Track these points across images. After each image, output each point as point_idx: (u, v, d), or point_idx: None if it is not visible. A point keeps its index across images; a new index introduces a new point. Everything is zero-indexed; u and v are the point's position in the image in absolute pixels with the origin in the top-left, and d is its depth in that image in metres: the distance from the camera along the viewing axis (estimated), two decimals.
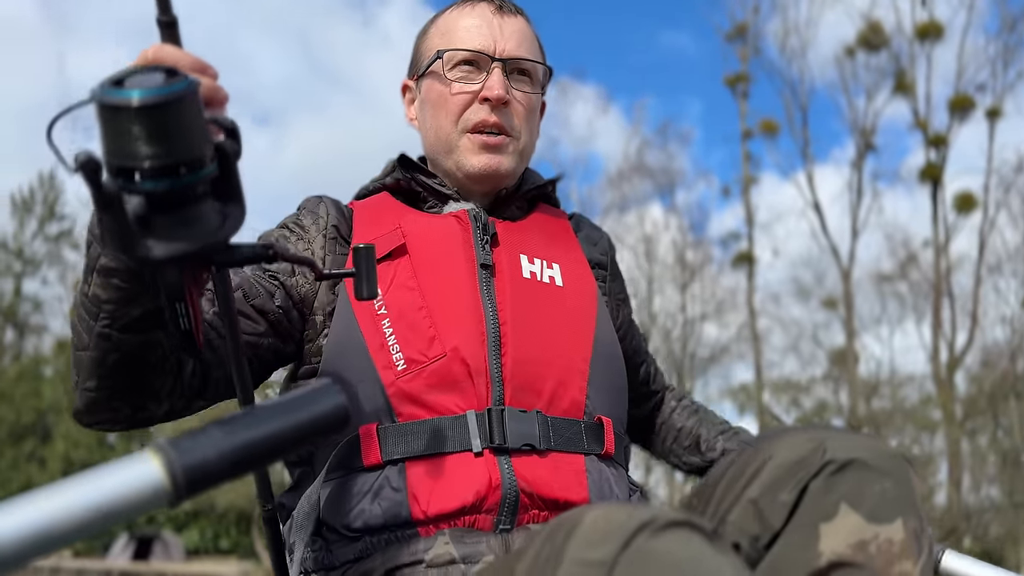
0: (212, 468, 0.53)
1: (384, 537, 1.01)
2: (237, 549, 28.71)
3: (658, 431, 1.39)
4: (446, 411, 1.04)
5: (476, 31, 1.18)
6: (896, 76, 20.17)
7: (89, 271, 0.87)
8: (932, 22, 20.00)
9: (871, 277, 20.59)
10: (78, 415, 0.98)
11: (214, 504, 26.21)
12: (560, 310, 1.15)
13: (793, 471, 0.81)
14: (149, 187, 0.64)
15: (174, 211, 0.67)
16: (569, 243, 1.26)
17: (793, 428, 0.86)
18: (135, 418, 0.99)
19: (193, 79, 0.65)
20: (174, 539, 24.05)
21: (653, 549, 0.61)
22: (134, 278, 0.85)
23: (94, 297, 0.87)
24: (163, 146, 0.63)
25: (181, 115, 0.64)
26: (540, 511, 1.02)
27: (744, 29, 21.53)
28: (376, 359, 1.06)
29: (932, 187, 19.73)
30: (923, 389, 19.33)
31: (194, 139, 0.65)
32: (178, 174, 0.64)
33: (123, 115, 0.62)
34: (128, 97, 0.61)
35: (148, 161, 0.63)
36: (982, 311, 18.91)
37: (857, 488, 0.78)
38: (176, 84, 0.63)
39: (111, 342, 0.89)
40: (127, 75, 0.64)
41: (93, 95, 0.63)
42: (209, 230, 0.68)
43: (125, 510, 0.50)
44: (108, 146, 0.63)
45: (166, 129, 0.63)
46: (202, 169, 0.66)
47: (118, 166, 0.63)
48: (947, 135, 19.74)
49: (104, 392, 0.94)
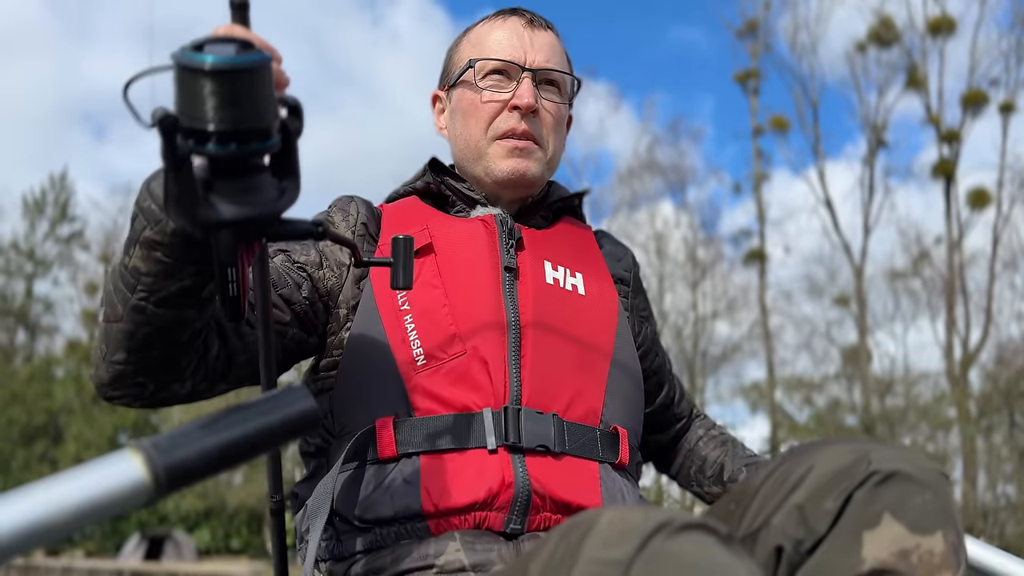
0: (191, 466, 0.56)
1: (394, 529, 1.02)
2: (248, 549, 28.77)
3: (683, 458, 1.38)
4: (463, 407, 1.05)
5: (507, 42, 1.21)
6: (908, 71, 20.05)
7: (132, 243, 0.89)
8: (944, 17, 19.86)
9: (884, 274, 20.47)
10: (102, 387, 0.99)
11: (225, 504, 26.28)
12: (581, 318, 1.16)
13: (837, 480, 0.82)
14: (218, 150, 0.67)
15: (236, 178, 0.70)
16: (593, 255, 1.28)
17: (835, 440, 0.88)
18: (158, 396, 1.00)
19: (267, 54, 0.68)
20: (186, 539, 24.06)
21: (669, 550, 0.62)
22: (177, 252, 0.87)
23: (134, 269, 0.89)
24: (234, 112, 0.66)
25: (253, 84, 0.67)
26: (552, 513, 1.03)
27: (755, 25, 21.46)
28: (396, 353, 1.07)
29: (945, 183, 19.60)
30: (937, 387, 19.20)
31: (263, 110, 0.68)
32: (246, 141, 0.68)
33: (199, 77, 0.65)
34: (203, 61, 0.65)
35: (219, 125, 0.66)
36: (996, 308, 18.78)
37: (900, 499, 0.79)
38: (252, 55, 0.67)
39: (145, 315, 0.91)
40: (206, 42, 0.68)
41: (173, 57, 0.66)
42: (267, 200, 0.71)
43: (108, 507, 0.52)
44: (183, 107, 0.66)
45: (238, 96, 0.66)
46: (267, 140, 0.70)
47: (190, 127, 0.66)
48: (960, 130, 19.61)
49: (131, 366, 0.95)
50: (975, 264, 19.32)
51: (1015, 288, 18.90)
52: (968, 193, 19.49)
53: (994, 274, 18.89)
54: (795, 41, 21.14)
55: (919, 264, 19.95)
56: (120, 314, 0.92)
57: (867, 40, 20.39)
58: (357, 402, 1.09)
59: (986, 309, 18.74)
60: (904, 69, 20.15)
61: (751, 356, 21.30)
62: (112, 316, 0.93)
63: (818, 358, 20.96)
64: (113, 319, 0.93)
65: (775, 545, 0.83)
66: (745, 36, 21.65)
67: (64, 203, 29.04)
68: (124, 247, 0.91)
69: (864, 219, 20.15)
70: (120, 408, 6.14)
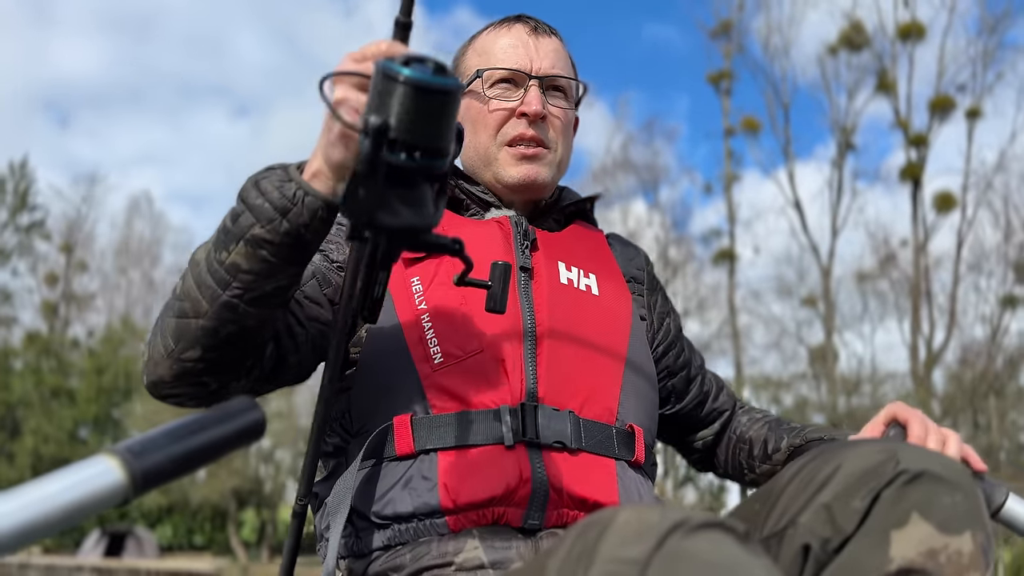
0: (163, 469, 0.62)
1: (413, 526, 1.02)
2: (212, 545, 28.41)
3: (732, 449, 1.37)
4: (480, 405, 1.05)
5: (513, 51, 1.22)
6: (878, 75, 20.32)
7: (234, 239, 0.90)
8: (914, 23, 20.16)
9: (852, 275, 20.74)
10: (160, 384, 0.99)
11: (188, 499, 25.91)
12: (595, 317, 1.17)
13: (865, 479, 0.82)
14: (417, 164, 0.72)
15: (411, 189, 0.74)
16: (605, 257, 1.29)
17: (863, 439, 0.89)
18: (216, 395, 1.01)
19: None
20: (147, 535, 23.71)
21: (686, 549, 0.62)
22: (284, 253, 0.90)
23: (231, 266, 0.91)
24: (437, 129, 0.72)
25: (455, 107, 0.73)
26: (569, 509, 1.03)
27: (728, 26, 21.60)
28: (414, 352, 1.08)
29: (912, 186, 19.89)
30: (903, 386, 19.49)
31: (452, 131, 0.74)
32: (435, 157, 0.73)
33: (422, 95, 0.71)
34: (438, 83, 0.71)
35: (425, 140, 0.72)
36: (961, 309, 19.12)
37: (928, 499, 0.79)
38: (457, 80, 0.73)
39: (235, 313, 0.93)
40: (409, 59, 0.73)
41: (387, 70, 0.71)
42: (429, 212, 0.76)
43: (90, 507, 0.58)
44: (394, 118, 0.71)
45: (445, 115, 0.72)
46: (446, 158, 0.75)
47: (399, 139, 0.71)
48: (927, 135, 19.91)
49: (203, 364, 0.96)
50: (942, 266, 19.66)
51: (979, 290, 19.27)
52: (934, 197, 19.82)
53: (958, 276, 19.23)
54: (768, 43, 21.33)
55: (886, 266, 20.25)
56: (205, 310, 0.93)
57: (838, 44, 20.63)
58: (375, 400, 1.09)
59: (950, 311, 19.07)
60: (874, 73, 20.43)
61: (720, 355, 21.46)
62: (192, 312, 0.93)
63: (787, 357, 21.19)
64: (193, 315, 0.93)
65: (802, 544, 0.83)
66: (719, 37, 21.79)
67: (24, 192, 28.38)
68: (219, 242, 0.92)
69: (832, 221, 20.40)
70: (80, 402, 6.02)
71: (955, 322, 19.04)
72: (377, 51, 0.82)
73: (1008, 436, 17.96)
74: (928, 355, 18.94)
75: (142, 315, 29.59)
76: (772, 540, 0.87)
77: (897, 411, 1.10)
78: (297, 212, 0.89)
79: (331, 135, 0.86)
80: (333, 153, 0.87)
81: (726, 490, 21.60)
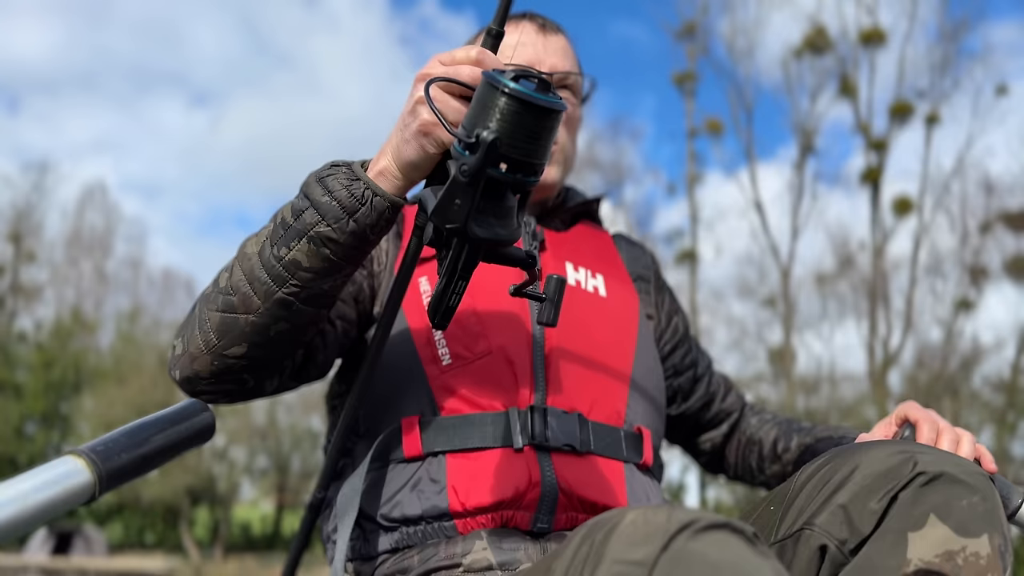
0: (125, 469, 0.65)
1: (421, 528, 1.01)
2: (163, 544, 27.85)
3: (742, 451, 1.37)
4: (489, 407, 1.04)
5: (522, 48, 1.21)
6: (840, 80, 20.58)
7: (296, 236, 0.89)
8: (875, 28, 20.45)
9: (812, 277, 20.99)
10: (196, 380, 0.97)
11: (139, 497, 25.35)
12: (603, 319, 1.17)
13: (883, 481, 0.81)
14: (520, 179, 0.74)
15: (501, 202, 0.76)
16: (612, 258, 1.29)
17: (879, 442, 0.87)
18: (252, 392, 1.01)
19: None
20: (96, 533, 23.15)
21: (693, 550, 0.62)
22: (346, 252, 0.90)
23: (291, 263, 0.90)
24: (541, 147, 0.74)
25: (558, 126, 0.75)
26: (578, 513, 1.03)
27: (693, 28, 21.68)
28: (422, 353, 1.07)
29: (872, 190, 20.20)
30: (861, 387, 19.79)
31: (550, 148, 0.76)
32: (533, 174, 0.75)
33: (535, 114, 0.72)
34: (549, 101, 0.72)
35: (530, 156, 0.73)
36: (918, 312, 19.45)
37: (946, 501, 0.79)
38: (561, 100, 0.74)
39: (289, 311, 0.92)
40: (520, 75, 0.73)
41: (497, 83, 0.72)
42: (515, 225, 0.77)
43: (59, 505, 0.61)
44: (504, 134, 0.72)
45: (550, 134, 0.74)
46: (540, 176, 0.76)
47: (506, 155, 0.72)
48: (887, 139, 20.22)
49: (247, 361, 0.96)
50: (898, 269, 19.99)
51: (935, 293, 19.62)
52: (892, 200, 20.14)
53: (915, 279, 19.56)
54: (732, 45, 21.48)
55: (845, 268, 20.52)
56: (256, 306, 0.92)
57: (801, 47, 20.84)
58: (383, 401, 1.07)
59: (906, 313, 19.40)
60: (836, 77, 20.68)
61: None
62: (241, 307, 0.92)
63: (748, 357, 21.37)
64: (243, 311, 0.92)
65: (819, 545, 0.83)
66: (683, 38, 21.87)
67: None
68: (277, 237, 0.91)
69: (792, 222, 20.62)
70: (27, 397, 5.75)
71: (911, 324, 19.37)
72: (467, 57, 0.83)
73: None
74: (885, 356, 19.25)
75: (93, 307, 28.88)
76: (788, 541, 0.86)
77: (909, 411, 1.07)
78: (365, 212, 0.88)
79: (406, 132, 0.85)
80: (406, 151, 0.86)
81: (684, 489, 21.75)
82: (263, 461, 28.91)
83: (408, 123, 0.85)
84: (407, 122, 0.85)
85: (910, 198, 20.04)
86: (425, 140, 0.84)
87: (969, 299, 19.42)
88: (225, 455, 27.83)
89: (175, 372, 0.99)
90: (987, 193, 19.87)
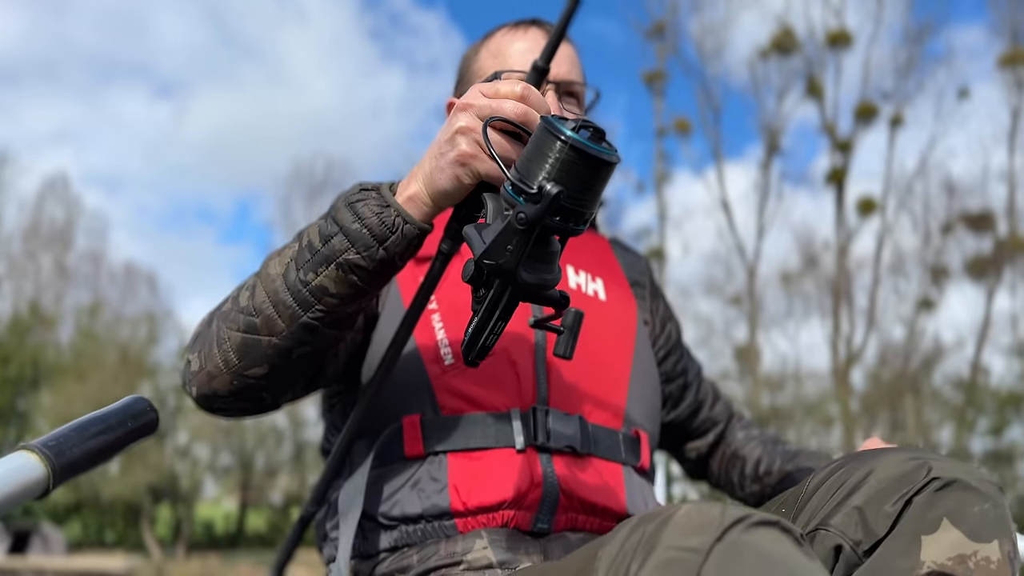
0: (77, 462, 0.67)
1: (421, 527, 1.01)
2: (124, 542, 27.40)
3: (725, 463, 1.39)
4: (491, 407, 1.05)
5: (530, 55, 1.21)
6: (807, 80, 20.80)
7: (324, 262, 0.89)
8: (842, 30, 20.70)
9: (778, 275, 21.21)
10: (214, 398, 0.98)
11: (99, 495, 24.92)
12: (602, 322, 1.18)
13: (898, 485, 0.83)
14: (575, 230, 0.75)
15: (548, 247, 0.77)
16: (609, 262, 1.30)
17: (892, 448, 0.89)
18: (269, 407, 1.02)
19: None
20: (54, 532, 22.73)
21: (747, 542, 0.63)
22: (374, 279, 0.90)
23: (319, 288, 0.90)
24: (597, 198, 0.75)
25: (611, 177, 0.75)
26: (578, 514, 1.04)
27: (663, 27, 21.77)
28: (424, 353, 1.07)
29: (837, 190, 20.46)
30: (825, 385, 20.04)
31: (600, 199, 0.77)
32: (586, 223, 0.76)
33: (589, 164, 0.72)
34: (610, 155, 0.73)
35: (588, 208, 0.74)
36: (881, 310, 19.76)
37: (959, 506, 0.80)
38: (618, 152, 0.74)
39: (313, 335, 0.93)
40: (578, 125, 0.73)
41: (554, 129, 0.72)
42: (557, 269, 0.79)
43: (14, 499, 0.63)
44: (566, 184, 0.72)
45: (604, 185, 0.75)
46: (587, 224, 0.76)
47: (568, 207, 0.73)
48: (852, 140, 20.49)
49: (266, 381, 0.96)
50: (863, 269, 20.27)
51: (898, 292, 19.94)
52: (856, 201, 20.42)
53: (877, 279, 19.87)
54: (701, 45, 21.61)
55: (810, 267, 20.77)
56: (280, 329, 0.92)
57: (769, 48, 21.04)
58: (383, 400, 1.07)
59: (869, 312, 19.69)
60: (803, 78, 20.91)
61: None
62: (265, 329, 0.92)
63: (715, 355, 21.55)
64: (266, 332, 0.92)
65: (834, 545, 0.84)
66: (653, 37, 21.95)
67: None
68: (304, 261, 0.90)
69: (758, 221, 20.82)
70: None
71: (874, 323, 19.67)
72: (512, 92, 0.82)
73: (924, 434, 18.65)
74: (848, 354, 19.52)
75: (52, 302, 28.28)
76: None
77: (873, 444, 1.13)
78: (396, 240, 0.88)
79: (442, 160, 0.85)
80: (440, 179, 0.86)
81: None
82: (227, 458, 28.58)
83: (445, 151, 0.85)
84: (444, 150, 0.85)
85: (874, 198, 20.35)
86: (462, 170, 0.84)
87: (931, 298, 19.77)
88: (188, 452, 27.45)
89: (191, 388, 0.99)
90: (949, 194, 20.25)
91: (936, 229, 20.04)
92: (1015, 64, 19.98)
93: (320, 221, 0.92)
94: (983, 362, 19.71)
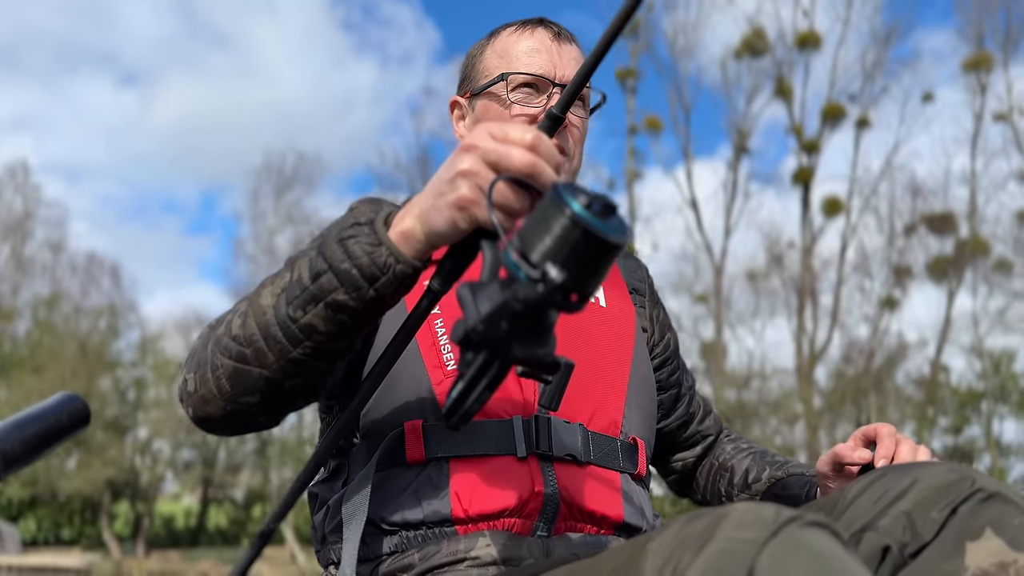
0: (17, 457, 0.68)
1: (421, 533, 1.02)
2: (81, 539, 26.86)
3: (712, 475, 1.39)
4: (493, 415, 1.05)
5: (536, 56, 1.21)
6: (776, 81, 21.00)
7: (312, 300, 0.87)
8: (811, 32, 20.93)
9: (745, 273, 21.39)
10: (206, 422, 0.97)
11: (56, 492, 24.39)
12: (602, 330, 1.19)
13: (943, 494, 0.87)
14: (576, 309, 0.72)
15: (544, 321, 0.73)
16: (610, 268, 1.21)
17: (933, 462, 0.94)
18: (267, 426, 1.00)
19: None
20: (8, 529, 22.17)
21: (800, 539, 0.66)
22: (363, 319, 0.88)
23: (307, 326, 0.88)
24: (600, 279, 0.72)
25: (616, 258, 0.73)
26: (577, 522, 1.05)
27: (637, 25, 21.83)
28: (426, 358, 1.08)
29: (803, 190, 20.69)
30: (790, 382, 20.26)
31: (604, 278, 0.74)
32: (586, 301, 0.73)
33: (597, 246, 0.69)
34: (614, 235, 0.69)
35: (592, 289, 0.72)
36: (845, 309, 20.02)
37: (1001, 517, 0.84)
38: (627, 232, 0.71)
39: (300, 369, 0.91)
40: (590, 200, 0.69)
41: (562, 201, 0.69)
42: (550, 346, 0.75)
43: None
44: (571, 265, 0.69)
45: (609, 266, 0.72)
46: (587, 302, 0.73)
47: (574, 288, 0.70)
48: (819, 141, 20.73)
49: (260, 408, 0.95)
50: (828, 268, 20.52)
51: (863, 291, 20.22)
52: (822, 201, 20.67)
53: (842, 278, 20.14)
54: (674, 44, 21.72)
55: (775, 265, 20.99)
56: (270, 362, 0.91)
57: (740, 48, 21.20)
58: (384, 405, 1.07)
59: (833, 311, 19.94)
60: (772, 79, 21.11)
61: None
62: (255, 361, 0.91)
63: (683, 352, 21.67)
64: (256, 364, 0.91)
65: (882, 545, 0.86)
66: (627, 34, 22.00)
67: None
68: (293, 297, 0.88)
69: (726, 220, 20.98)
70: None
71: (838, 321, 19.94)
72: (521, 139, 0.79)
73: None
74: (811, 352, 19.75)
75: (10, 293, 27.58)
76: (848, 543, 0.90)
77: (868, 429, 1.16)
78: (387, 281, 0.85)
79: (440, 201, 0.81)
80: (435, 219, 0.82)
81: None
82: (188, 454, 28.13)
83: (444, 192, 0.81)
84: (443, 190, 0.81)
85: (839, 199, 20.62)
86: (459, 215, 0.80)
87: (894, 298, 20.09)
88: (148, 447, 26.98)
89: (188, 409, 0.98)
90: (913, 196, 20.59)
91: (900, 229, 20.37)
92: (979, 68, 20.37)
93: (311, 253, 0.89)
94: (944, 361, 20.11)
